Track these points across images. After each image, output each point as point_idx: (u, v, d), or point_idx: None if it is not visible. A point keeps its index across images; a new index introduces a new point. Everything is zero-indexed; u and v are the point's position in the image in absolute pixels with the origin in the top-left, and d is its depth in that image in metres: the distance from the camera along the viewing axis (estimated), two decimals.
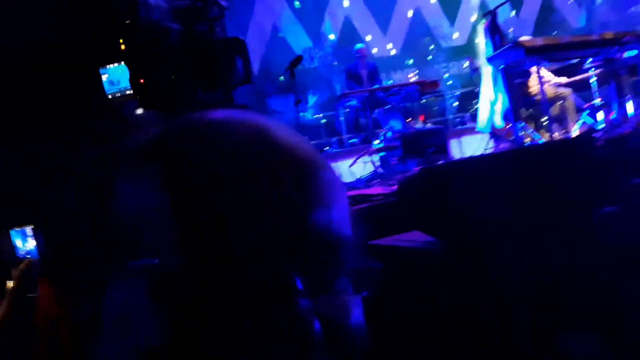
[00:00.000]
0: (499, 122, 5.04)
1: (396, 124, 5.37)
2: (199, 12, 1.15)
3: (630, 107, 4.96)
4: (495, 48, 4.93)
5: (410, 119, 5.82)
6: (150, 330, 0.59)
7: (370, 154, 5.14)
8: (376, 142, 5.26)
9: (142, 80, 0.95)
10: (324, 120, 7.69)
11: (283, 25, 8.58)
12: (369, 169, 5.22)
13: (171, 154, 0.60)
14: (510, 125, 4.84)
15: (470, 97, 7.70)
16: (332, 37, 8.46)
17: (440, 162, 4.31)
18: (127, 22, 1.00)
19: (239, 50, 1.22)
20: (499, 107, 4.97)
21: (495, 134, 5.16)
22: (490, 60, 4.87)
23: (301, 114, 5.69)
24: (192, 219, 0.57)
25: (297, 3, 8.55)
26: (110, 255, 0.62)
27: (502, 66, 4.58)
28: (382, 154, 5.05)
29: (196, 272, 0.56)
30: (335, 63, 7.79)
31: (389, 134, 5.15)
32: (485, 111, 5.16)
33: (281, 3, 8.54)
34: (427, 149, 4.55)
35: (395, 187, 2.93)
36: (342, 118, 6.71)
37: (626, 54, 4.79)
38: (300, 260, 0.58)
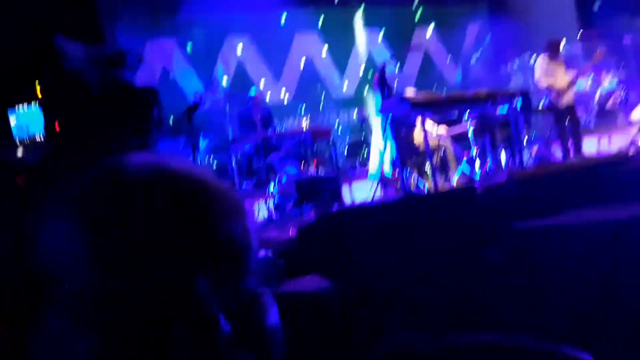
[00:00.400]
0: (387, 169, 5.31)
1: (290, 170, 5.47)
2: (116, 61, 1.18)
3: (503, 158, 5.45)
4: (383, 100, 5.23)
5: (303, 164, 5.96)
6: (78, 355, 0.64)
7: (265, 199, 5.19)
8: (270, 187, 5.32)
9: (56, 128, 0.95)
10: (215, 165, 7.63)
11: (174, 68, 8.51)
12: (263, 214, 5.25)
13: (91, 198, 0.71)
14: (398, 172, 5.11)
15: (359, 145, 8.02)
16: (224, 81, 8.51)
17: (335, 209, 4.44)
18: (44, 67, 1.00)
19: (154, 99, 1.26)
20: (387, 156, 5.25)
21: (384, 180, 5.42)
22: (379, 111, 5.15)
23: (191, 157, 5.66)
24: (110, 247, 0.66)
25: (189, 46, 8.54)
26: (34, 287, 0.68)
27: (389, 117, 4.86)
28: (277, 199, 5.11)
29: (110, 291, 0.64)
30: (228, 107, 7.82)
31: (284, 179, 5.24)
32: (376, 159, 5.43)
33: (172, 45, 8.49)
34: (322, 194, 4.68)
35: (292, 233, 2.99)
36: (234, 164, 6.70)
37: (498, 110, 5.27)
38: (207, 267, 0.70)
